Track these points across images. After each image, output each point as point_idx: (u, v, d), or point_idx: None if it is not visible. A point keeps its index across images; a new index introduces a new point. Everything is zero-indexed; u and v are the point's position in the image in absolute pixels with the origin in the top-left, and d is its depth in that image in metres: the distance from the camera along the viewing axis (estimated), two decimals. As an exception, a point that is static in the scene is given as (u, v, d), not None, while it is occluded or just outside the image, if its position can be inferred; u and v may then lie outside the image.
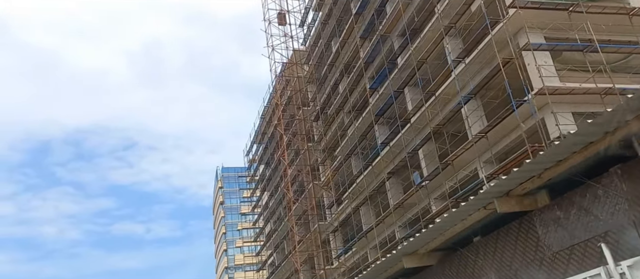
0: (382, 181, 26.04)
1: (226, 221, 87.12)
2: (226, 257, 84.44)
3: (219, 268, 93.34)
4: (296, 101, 36.87)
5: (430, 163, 23.49)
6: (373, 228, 25.84)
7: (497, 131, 18.00)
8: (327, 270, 34.09)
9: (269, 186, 47.79)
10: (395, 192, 27.33)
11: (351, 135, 30.11)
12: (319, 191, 35.67)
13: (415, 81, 23.42)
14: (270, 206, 48.70)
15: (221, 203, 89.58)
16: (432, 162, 23.41)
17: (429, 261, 18.07)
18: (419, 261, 17.99)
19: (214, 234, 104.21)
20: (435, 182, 21.76)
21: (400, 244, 23.16)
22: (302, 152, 35.90)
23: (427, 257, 17.82)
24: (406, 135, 22.73)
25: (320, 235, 34.27)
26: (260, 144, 53.99)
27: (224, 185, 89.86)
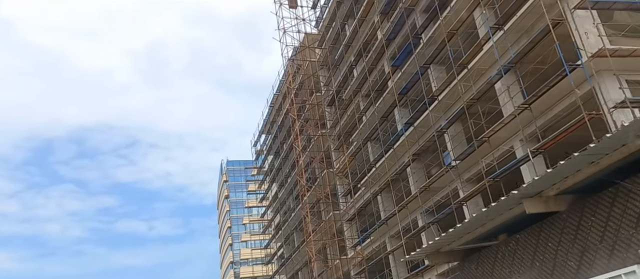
0: (403, 165, 24.63)
1: (231, 215, 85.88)
2: (231, 251, 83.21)
3: (223, 263, 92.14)
4: (308, 86, 35.46)
5: (458, 145, 22.09)
6: (396, 213, 24.44)
7: (536, 106, 16.57)
8: (342, 260, 32.73)
9: (278, 176, 46.41)
10: (418, 178, 25.94)
11: (369, 118, 28.70)
12: (332, 178, 34.28)
13: (441, 58, 22.02)
14: (279, 197, 47.35)
15: (226, 197, 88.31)
16: (459, 145, 22.02)
17: (556, 206, 14.38)
18: (544, 206, 14.17)
19: (219, 229, 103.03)
20: (465, 164, 20.36)
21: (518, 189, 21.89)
22: (315, 138, 34.49)
23: (554, 201, 14.15)
24: (432, 114, 21.29)
25: (335, 224, 32.89)
26: (269, 135, 52.65)
27: (229, 179, 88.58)
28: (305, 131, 34.67)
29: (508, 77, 18.65)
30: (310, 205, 32.97)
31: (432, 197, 24.74)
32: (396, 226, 27.55)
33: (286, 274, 48.84)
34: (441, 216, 20.90)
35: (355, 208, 31.75)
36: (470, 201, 21.14)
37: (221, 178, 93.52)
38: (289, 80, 35.69)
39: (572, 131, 13.69)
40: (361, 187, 31.00)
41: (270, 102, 47.85)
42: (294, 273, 44.46)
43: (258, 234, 62.25)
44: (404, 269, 28.31)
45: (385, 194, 29.27)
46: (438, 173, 21.14)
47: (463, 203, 19.49)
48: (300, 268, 42.89)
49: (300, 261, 41.29)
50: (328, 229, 32.84)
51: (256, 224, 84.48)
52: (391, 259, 28.72)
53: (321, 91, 36.69)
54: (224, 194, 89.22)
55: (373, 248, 29.08)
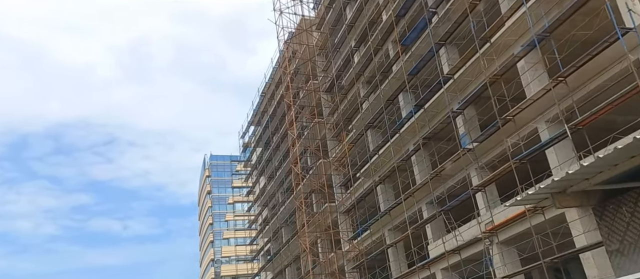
0: (411, 151, 23.14)
1: (213, 211, 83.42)
2: (212, 249, 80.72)
3: (203, 262, 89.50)
4: (305, 71, 33.76)
5: (472, 130, 20.66)
6: (402, 201, 22.85)
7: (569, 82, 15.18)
8: (337, 254, 31.03)
9: (267, 168, 44.52)
10: (423, 167, 24.47)
11: (372, 104, 27.13)
12: (328, 168, 32.60)
13: (457, 36, 20.58)
14: (267, 191, 45.45)
15: (208, 193, 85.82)
16: (473, 129, 20.59)
17: None
18: None
19: (199, 227, 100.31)
20: (481, 148, 18.87)
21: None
22: (311, 125, 32.78)
23: None
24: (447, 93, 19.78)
25: (330, 215, 31.18)
26: (258, 126, 50.75)
27: (212, 174, 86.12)
28: (301, 118, 32.91)
29: (532, 54, 17.32)
30: (305, 195, 31.19)
31: (437, 187, 23.27)
32: (397, 218, 26.02)
33: (272, 271, 46.94)
34: (455, 202, 19.39)
35: (352, 199, 30.14)
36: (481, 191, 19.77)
37: (203, 173, 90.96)
38: (285, 64, 33.90)
39: (622, 101, 12.29)
40: (360, 177, 29.41)
41: (261, 91, 45.95)
42: (281, 270, 42.60)
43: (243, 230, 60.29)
44: (404, 263, 26.80)
45: (385, 184, 27.80)
46: (453, 157, 19.61)
47: (481, 189, 17.99)
48: (289, 263, 41.05)
49: (290, 256, 39.46)
50: (323, 221, 31.11)
51: (239, 221, 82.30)
52: (390, 253, 27.16)
53: (318, 78, 35.00)
54: (206, 190, 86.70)
55: (372, 241, 27.43)
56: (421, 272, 23.97)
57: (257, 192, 51.63)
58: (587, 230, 15.10)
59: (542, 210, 15.37)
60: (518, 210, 16.40)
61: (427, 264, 22.47)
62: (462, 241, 19.21)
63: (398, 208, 25.52)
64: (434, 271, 22.91)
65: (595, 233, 15.18)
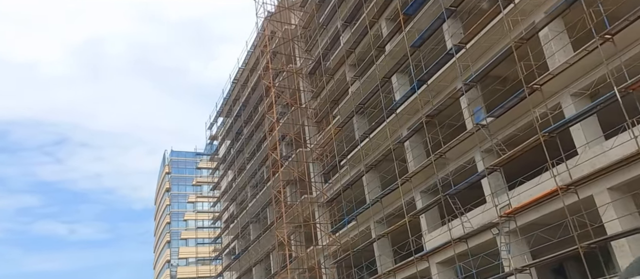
0: (407, 134, 21.11)
1: (172, 210, 79.06)
2: (169, 249, 76.31)
3: (158, 264, 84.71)
4: (286, 51, 31.29)
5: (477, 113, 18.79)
6: (399, 185, 20.72)
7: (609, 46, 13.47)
8: (316, 249, 28.52)
9: (238, 160, 41.56)
10: (417, 153, 22.44)
11: (360, 87, 24.94)
12: (307, 157, 30.16)
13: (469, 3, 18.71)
14: (235, 185, 42.46)
15: (167, 190, 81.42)
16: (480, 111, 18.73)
17: None
18: None
19: (154, 227, 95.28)
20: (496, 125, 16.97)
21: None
22: (292, 110, 30.29)
23: None
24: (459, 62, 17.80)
25: (310, 206, 28.68)
26: (228, 117, 47.74)
27: (172, 170, 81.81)
28: (280, 102, 30.34)
29: (556, 23, 15.62)
30: (283, 183, 28.57)
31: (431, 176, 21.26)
32: (384, 209, 23.78)
33: (238, 271, 43.85)
34: (464, 185, 17.36)
35: (333, 190, 27.80)
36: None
37: (162, 170, 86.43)
38: (265, 41, 31.30)
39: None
40: (345, 166, 27.12)
41: (233, 77, 43.08)
42: (248, 269, 39.62)
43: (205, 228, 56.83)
44: (391, 258, 24.61)
45: (372, 173, 25.63)
46: (461, 136, 17.61)
47: (497, 168, 16.01)
48: (258, 262, 38.14)
49: (259, 253, 36.58)
50: (301, 214, 28.57)
51: (200, 221, 78.33)
52: (377, 247, 24.91)
53: (298, 62, 32.57)
54: (164, 187, 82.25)
55: (355, 235, 25.11)
56: (412, 267, 21.84)
57: (223, 187, 48.53)
58: (622, 215, 13.36)
59: (576, 189, 13.48)
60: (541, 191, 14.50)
61: (424, 257, 20.32)
62: (470, 228, 17.14)
63: (385, 200, 23.42)
64: (428, 264, 20.80)
65: (632, 218, 13.48)
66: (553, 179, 14.58)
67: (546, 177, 15.03)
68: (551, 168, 13.61)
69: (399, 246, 22.89)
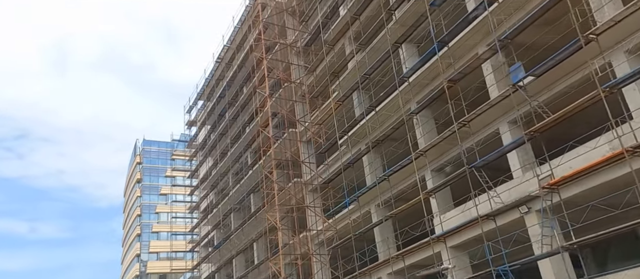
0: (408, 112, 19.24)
1: (142, 202, 75.38)
2: (139, 243, 72.61)
3: (126, 258, 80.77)
4: (279, 21, 29.05)
5: (504, 78, 17.08)
6: (412, 160, 18.77)
7: None
8: (306, 236, 26.33)
9: (220, 144, 38.99)
10: (428, 129, 20.64)
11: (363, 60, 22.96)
12: (301, 137, 27.99)
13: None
14: (216, 171, 39.87)
15: (138, 181, 77.64)
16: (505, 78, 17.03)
17: None
18: None
19: (123, 220, 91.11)
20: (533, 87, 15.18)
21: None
22: (285, 85, 28.06)
23: None
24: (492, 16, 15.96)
25: (304, 189, 26.48)
26: (208, 101, 45.08)
27: (143, 160, 78.08)
28: (273, 75, 28.03)
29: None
30: (276, 161, 26.25)
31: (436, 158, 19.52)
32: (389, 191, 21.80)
33: (216, 263, 41.23)
34: (493, 155, 15.52)
35: (328, 173, 25.73)
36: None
37: (133, 160, 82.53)
38: (257, 11, 28.94)
39: None
40: (343, 145, 25.07)
41: (216, 56, 40.49)
42: (228, 260, 37.10)
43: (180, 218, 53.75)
44: (392, 245, 22.66)
45: (373, 154, 23.68)
46: (491, 101, 15.78)
47: (535, 135, 14.20)
48: (238, 252, 35.67)
49: (242, 241, 34.12)
50: (294, 195, 26.35)
51: (172, 213, 74.92)
52: (377, 233, 22.95)
53: (290, 36, 30.36)
54: (135, 178, 78.44)
55: (358, 216, 23.07)
56: (419, 252, 19.97)
57: (201, 175, 45.80)
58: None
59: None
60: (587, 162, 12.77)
61: (436, 240, 18.44)
62: (500, 204, 15.31)
63: (387, 183, 21.50)
64: (439, 249, 18.92)
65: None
66: (602, 148, 12.88)
67: (592, 145, 13.33)
68: (613, 128, 11.86)
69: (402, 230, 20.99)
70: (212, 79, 41.81)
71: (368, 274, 22.51)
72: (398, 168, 19.94)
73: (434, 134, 20.60)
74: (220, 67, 40.34)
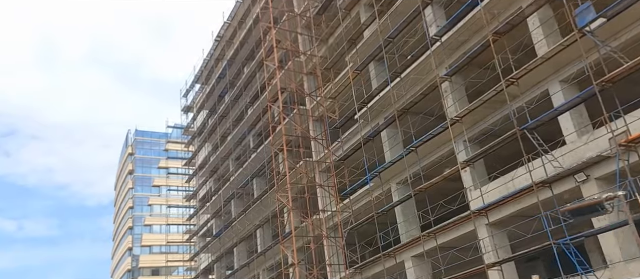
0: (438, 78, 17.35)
1: (135, 194, 72.90)
2: (131, 236, 70.16)
3: (118, 252, 78.21)
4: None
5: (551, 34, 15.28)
6: (449, 126, 16.90)
7: None
8: (319, 219, 24.36)
9: (221, 127, 36.88)
10: (459, 96, 18.79)
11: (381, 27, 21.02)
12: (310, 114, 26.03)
13: None
14: (216, 157, 37.76)
15: (130, 173, 75.12)
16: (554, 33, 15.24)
17: None
18: None
19: (114, 213, 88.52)
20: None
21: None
22: (294, 59, 26.05)
23: None
24: None
25: (317, 167, 24.51)
26: (206, 85, 42.93)
27: (136, 152, 75.56)
28: (283, 46, 25.96)
29: None
30: (287, 137, 24.19)
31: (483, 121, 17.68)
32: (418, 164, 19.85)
33: (214, 254, 39.13)
34: (547, 115, 13.68)
35: (342, 151, 23.77)
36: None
37: (125, 152, 79.97)
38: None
39: None
40: (360, 120, 23.15)
41: (216, 35, 38.34)
42: (228, 251, 35.00)
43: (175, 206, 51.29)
44: (417, 226, 20.80)
45: (391, 130, 21.80)
46: (550, 52, 13.91)
47: (607, 86, 12.33)
48: (240, 241, 33.61)
49: (246, 227, 32.08)
50: (306, 174, 24.37)
51: (164, 207, 72.58)
52: (398, 213, 21.07)
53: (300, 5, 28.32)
54: (127, 170, 75.91)
55: (380, 194, 21.16)
56: (452, 231, 18.11)
57: (199, 162, 43.65)
58: None
59: None
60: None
61: (469, 217, 16.60)
62: (559, 169, 13.46)
63: (411, 158, 19.64)
64: (476, 226, 17.05)
65: None
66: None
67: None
68: None
69: (433, 207, 19.11)
70: (211, 59, 39.68)
71: (391, 257, 20.61)
72: (430, 137, 18.02)
73: (465, 102, 18.74)
74: (220, 46, 38.23)
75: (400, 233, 20.91)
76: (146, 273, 68.10)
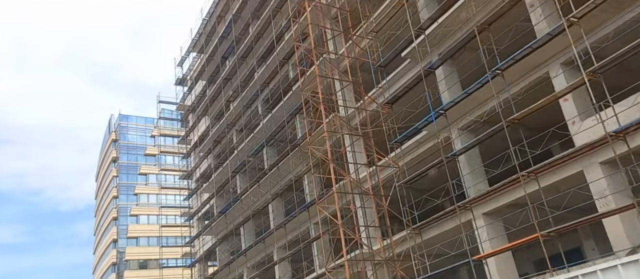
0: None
1: (119, 182, 67.97)
2: (115, 227, 65.26)
3: (100, 246, 73.08)
4: None
5: None
6: (538, 47, 13.27)
7: None
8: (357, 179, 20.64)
9: (225, 89, 32.86)
10: (548, 11, 15.28)
11: None
12: (335, 65, 22.31)
13: None
14: (217, 129, 33.78)
15: (114, 160, 70.13)
16: None
17: None
18: None
19: (96, 206, 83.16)
20: None
21: None
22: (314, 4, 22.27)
23: None
24: None
25: (344, 125, 20.78)
26: (202, 53, 38.85)
27: (120, 137, 70.59)
28: None
29: None
30: (322, 79, 20.34)
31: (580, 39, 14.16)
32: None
33: (216, 235, 35.12)
34: None
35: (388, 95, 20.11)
36: None
37: (107, 138, 74.87)
38: None
39: None
40: (407, 59, 19.56)
41: (218, -10, 34.29)
42: (235, 229, 31.01)
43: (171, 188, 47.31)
44: (482, 179, 17.31)
45: (447, 67, 18.34)
46: None
47: None
48: (246, 219, 29.69)
49: (254, 203, 28.17)
50: (339, 126, 20.62)
51: (153, 196, 68.03)
52: (461, 164, 17.48)
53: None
54: (110, 157, 70.88)
55: (443, 138, 17.56)
56: (552, 174, 14.57)
57: (193, 140, 39.59)
58: None
59: None
60: None
61: (572, 157, 13.11)
62: None
63: (469, 101, 16.19)
64: (584, 166, 13.56)
65: None
66: None
67: None
68: None
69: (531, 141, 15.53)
70: (211, 18, 35.57)
71: (454, 217, 17.02)
72: (522, 55, 14.42)
73: (556, 18, 15.12)
74: (221, 2, 34.15)
75: (465, 187, 17.34)
76: (133, 265, 63.37)
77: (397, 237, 18.30)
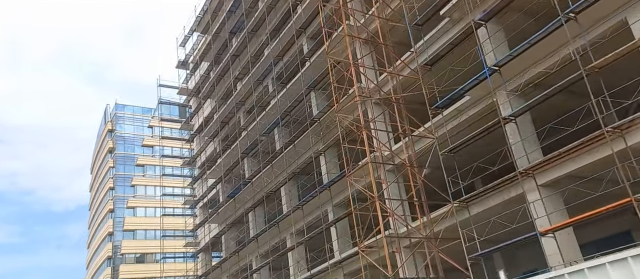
0: None
1: (116, 173, 65.65)
2: (112, 220, 62.94)
3: (95, 240, 70.74)
4: None
5: None
6: None
7: None
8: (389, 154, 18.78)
9: (233, 68, 30.90)
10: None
11: None
12: (378, 15, 20.45)
13: None
14: (223, 111, 31.83)
15: (111, 151, 67.80)
16: None
17: None
18: None
19: (91, 199, 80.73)
20: None
21: None
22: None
23: None
24: None
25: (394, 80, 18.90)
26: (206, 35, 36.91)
27: (116, 127, 68.26)
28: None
29: None
30: (348, 44, 18.42)
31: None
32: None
33: (220, 224, 33.21)
34: None
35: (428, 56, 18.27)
36: None
37: (103, 129, 72.50)
38: None
39: None
40: (446, 17, 17.78)
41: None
42: (244, 214, 29.09)
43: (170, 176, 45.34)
44: (536, 147, 15.58)
45: (493, 25, 16.59)
46: None
47: None
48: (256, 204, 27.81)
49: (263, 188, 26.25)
50: (369, 95, 18.75)
51: (151, 188, 65.93)
52: (513, 131, 15.69)
53: None
54: (106, 148, 68.51)
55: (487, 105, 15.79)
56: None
57: (196, 125, 37.68)
58: None
59: None
60: None
61: None
62: None
63: (519, 62, 14.47)
64: None
65: None
66: None
67: None
68: None
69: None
70: None
71: (507, 189, 15.23)
72: (589, 4, 12.61)
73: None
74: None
75: (513, 157, 15.55)
76: (129, 260, 61.16)
77: (440, 212, 16.44)
